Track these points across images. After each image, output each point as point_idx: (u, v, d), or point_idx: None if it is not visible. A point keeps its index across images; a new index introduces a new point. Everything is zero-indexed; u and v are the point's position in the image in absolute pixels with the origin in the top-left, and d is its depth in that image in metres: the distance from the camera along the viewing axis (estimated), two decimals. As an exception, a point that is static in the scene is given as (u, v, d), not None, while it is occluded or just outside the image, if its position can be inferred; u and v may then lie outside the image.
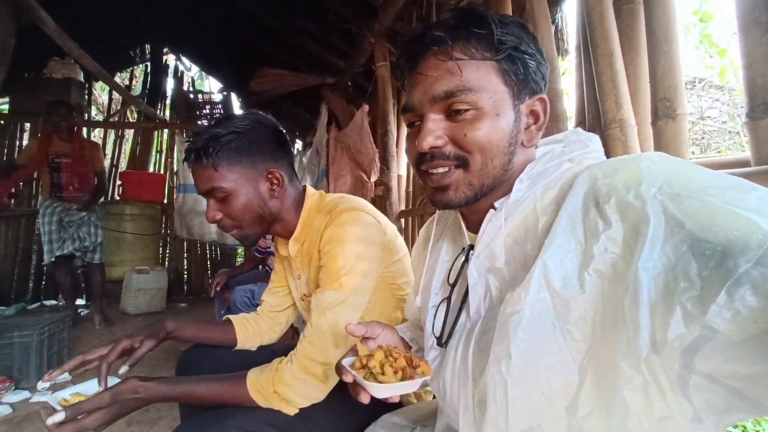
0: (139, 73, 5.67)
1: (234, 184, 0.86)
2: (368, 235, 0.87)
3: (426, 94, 0.52)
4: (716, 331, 0.30)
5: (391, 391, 0.52)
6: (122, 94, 4.34)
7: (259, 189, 0.89)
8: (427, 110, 0.53)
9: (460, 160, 0.52)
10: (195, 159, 0.86)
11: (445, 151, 0.52)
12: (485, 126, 0.50)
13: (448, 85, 0.51)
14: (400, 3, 2.10)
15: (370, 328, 0.62)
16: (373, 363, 0.53)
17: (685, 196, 0.36)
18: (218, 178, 0.85)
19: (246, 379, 0.81)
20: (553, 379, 0.44)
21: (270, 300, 1.13)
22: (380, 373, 0.52)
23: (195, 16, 4.22)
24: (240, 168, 0.86)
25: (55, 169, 2.98)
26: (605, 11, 1.01)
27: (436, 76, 0.52)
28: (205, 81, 6.47)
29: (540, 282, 0.45)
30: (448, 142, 0.52)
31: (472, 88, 0.50)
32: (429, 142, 0.52)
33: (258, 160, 0.89)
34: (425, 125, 0.52)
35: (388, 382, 0.51)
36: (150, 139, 4.94)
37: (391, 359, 0.53)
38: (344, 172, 3.04)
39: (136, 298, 3.63)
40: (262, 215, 0.90)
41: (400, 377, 0.52)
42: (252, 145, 0.88)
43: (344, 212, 0.88)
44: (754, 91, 0.75)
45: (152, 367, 2.37)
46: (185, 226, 4.24)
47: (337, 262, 0.83)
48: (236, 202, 0.86)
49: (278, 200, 0.92)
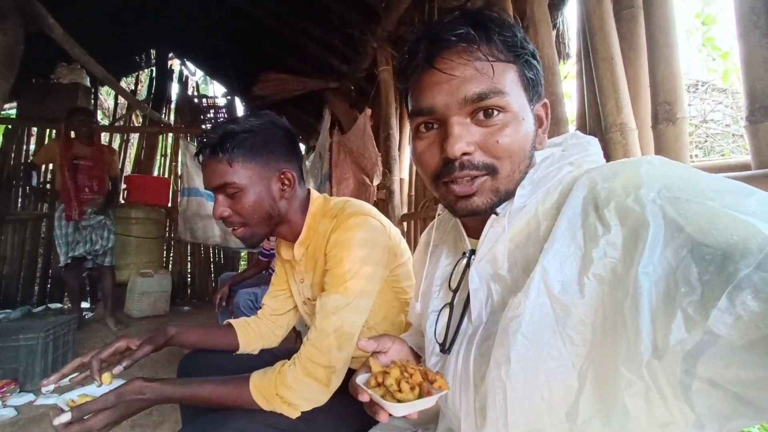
0: (144, 78, 5.73)
1: (247, 180, 0.86)
2: (374, 239, 0.88)
3: (453, 95, 0.48)
4: (718, 336, 0.30)
5: (411, 409, 0.50)
6: (128, 98, 4.38)
7: (271, 188, 0.89)
8: (453, 113, 0.49)
9: (488, 168, 0.49)
10: (210, 153, 0.86)
11: (473, 160, 0.49)
12: (515, 131, 0.49)
13: (481, 86, 0.48)
14: (402, 7, 2.12)
15: (381, 343, 0.61)
16: (389, 381, 0.52)
17: (684, 200, 0.36)
18: (232, 173, 0.85)
19: (249, 382, 0.81)
20: (553, 383, 0.44)
21: (271, 303, 1.14)
22: (397, 391, 0.51)
23: (200, 21, 4.26)
24: (254, 165, 0.87)
25: (73, 171, 3.06)
26: (605, 16, 1.02)
27: (465, 76, 0.48)
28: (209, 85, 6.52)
29: (539, 286, 0.45)
30: (477, 149, 0.49)
31: (503, 90, 0.48)
32: (462, 148, 0.48)
33: (271, 159, 0.89)
34: (453, 129, 0.48)
35: (405, 399, 0.50)
36: (155, 143, 4.98)
37: (406, 375, 0.52)
38: (347, 175, 3.05)
39: (141, 302, 3.64)
40: (270, 215, 0.90)
41: (417, 393, 0.51)
42: (266, 144, 0.88)
43: (351, 216, 0.88)
44: (754, 94, 0.75)
45: (155, 369, 2.38)
46: (189, 229, 4.27)
47: (343, 266, 0.83)
48: (247, 199, 0.86)
49: (287, 201, 0.93)
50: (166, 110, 5.21)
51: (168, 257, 4.83)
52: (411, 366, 0.54)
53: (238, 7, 3.52)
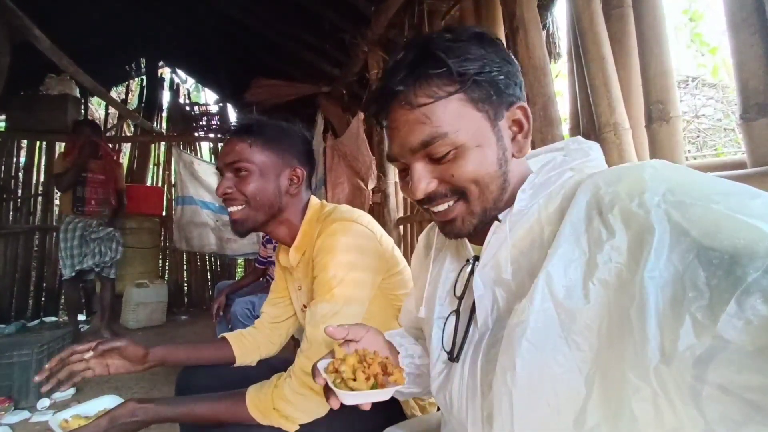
0: (135, 87, 5.68)
1: (260, 164, 0.90)
2: (360, 244, 0.88)
3: (403, 146, 0.52)
4: (728, 341, 0.30)
5: (360, 399, 0.51)
6: (118, 108, 4.35)
7: (279, 180, 0.93)
8: (409, 160, 0.53)
9: (457, 193, 0.52)
10: (236, 133, 0.92)
11: (440, 191, 0.52)
12: (469, 161, 0.50)
13: (422, 135, 0.50)
14: (392, 11, 2.12)
15: (353, 331, 0.61)
16: (344, 368, 0.52)
17: (689, 204, 0.36)
18: (248, 153, 0.89)
19: (245, 397, 0.80)
20: (559, 390, 0.43)
21: (270, 311, 1.13)
22: (351, 379, 0.51)
23: (189, 28, 4.24)
24: (270, 153, 0.92)
25: (80, 182, 3.08)
26: (595, 16, 1.02)
27: (408, 128, 0.51)
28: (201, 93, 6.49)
29: (544, 292, 0.44)
30: (439, 183, 0.52)
31: (447, 131, 0.49)
32: (422, 190, 0.52)
33: (287, 154, 0.94)
34: (413, 174, 0.53)
35: (358, 388, 0.50)
36: (147, 153, 4.94)
37: (364, 365, 0.53)
38: (341, 179, 3.04)
39: (137, 312, 3.61)
40: (272, 204, 0.93)
41: (372, 384, 0.51)
42: (285, 139, 0.95)
43: (335, 222, 0.89)
44: (747, 92, 0.75)
45: (152, 384, 2.34)
46: (184, 238, 4.23)
47: (328, 273, 0.83)
48: (253, 180, 0.89)
49: (291, 198, 0.96)
50: (158, 119, 5.17)
51: (163, 267, 4.79)
52: (371, 356, 0.54)
53: (228, 14, 3.50)
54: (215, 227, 4.22)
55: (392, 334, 0.76)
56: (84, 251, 3.03)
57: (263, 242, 2.50)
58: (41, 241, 4.30)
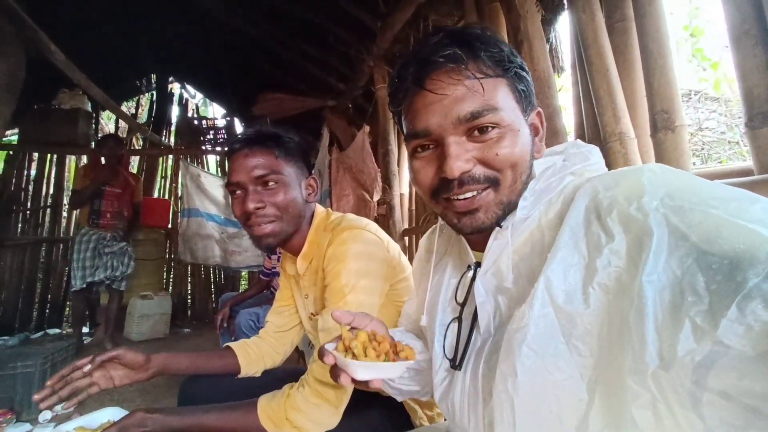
0: (145, 102, 5.80)
1: (290, 176, 0.91)
2: (370, 252, 0.88)
3: (447, 116, 0.49)
4: (728, 347, 0.30)
5: (373, 372, 0.50)
6: (129, 122, 4.43)
7: (303, 189, 0.95)
8: (448, 133, 0.49)
9: (490, 180, 0.49)
10: (260, 142, 0.89)
11: (475, 174, 0.49)
12: (512, 143, 0.49)
13: (473, 104, 0.48)
14: (397, 26, 2.17)
15: (358, 318, 0.61)
16: (355, 344, 0.52)
17: (687, 209, 0.36)
18: (278, 165, 0.89)
19: (256, 407, 0.79)
20: (561, 396, 0.43)
21: (275, 320, 1.12)
22: (363, 355, 0.51)
23: (199, 44, 4.35)
24: (294, 164, 0.93)
25: (97, 195, 3.11)
26: (598, 29, 1.04)
27: (456, 95, 0.48)
28: (209, 107, 6.60)
29: (543, 297, 0.44)
30: (476, 164, 0.49)
31: (496, 106, 0.48)
32: (461, 167, 0.48)
33: (304, 165, 0.97)
34: (450, 149, 0.48)
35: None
36: (155, 166, 5.00)
37: (374, 343, 0.53)
38: (347, 192, 3.06)
39: (140, 325, 3.59)
40: (300, 215, 0.94)
41: (383, 361, 0.51)
42: (301, 152, 0.96)
43: (345, 230, 0.89)
44: (751, 101, 0.76)
45: (154, 395, 2.32)
46: (189, 250, 4.24)
47: (341, 281, 0.83)
48: (285, 191, 0.89)
49: (309, 207, 0.97)
50: (167, 132, 5.26)
51: (168, 279, 4.79)
52: (380, 335, 0.54)
53: (236, 30, 3.60)
54: (220, 239, 4.23)
55: (393, 332, 0.75)
56: (96, 264, 3.04)
57: (267, 254, 2.51)
58: (48, 253, 4.32)
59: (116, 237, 3.17)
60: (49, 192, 4.37)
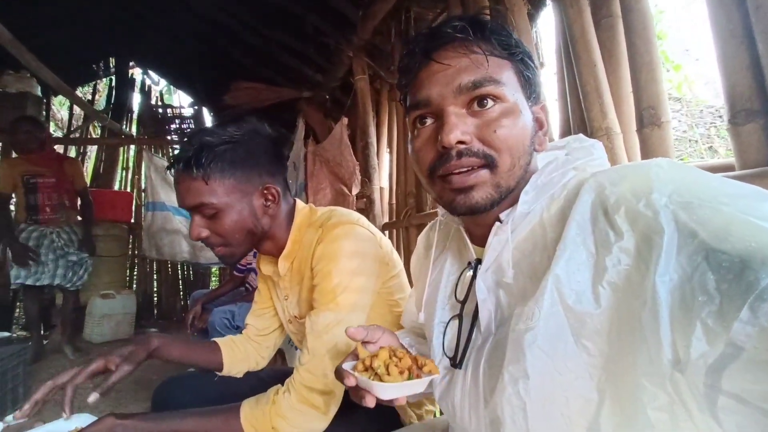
0: (102, 88, 5.43)
1: (226, 199, 0.78)
2: (363, 250, 0.84)
3: (449, 85, 0.49)
4: (741, 348, 0.29)
5: (399, 391, 0.49)
6: (85, 108, 4.13)
7: (253, 205, 0.82)
8: (448, 103, 0.49)
9: (487, 159, 0.48)
10: (184, 169, 0.77)
11: (472, 148, 0.48)
12: (512, 122, 0.49)
13: (476, 74, 0.48)
14: (379, 17, 2.13)
15: (371, 332, 0.59)
16: (377, 363, 0.50)
17: (696, 205, 0.35)
18: (208, 192, 0.77)
19: (239, 413, 0.74)
20: (571, 398, 0.42)
21: (255, 323, 1.06)
22: (385, 374, 0.49)
23: (163, 28, 4.10)
24: (233, 181, 0.79)
25: (30, 190, 2.75)
26: (585, 24, 1.05)
27: (460, 66, 0.49)
28: (174, 95, 6.27)
29: (553, 296, 0.43)
30: (474, 138, 0.48)
31: (499, 80, 0.49)
32: (457, 136, 0.47)
33: (254, 173, 0.82)
34: (449, 118, 0.48)
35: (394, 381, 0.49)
36: (115, 156, 4.71)
37: (395, 359, 0.51)
38: (324, 185, 2.99)
39: (101, 326, 3.38)
40: (253, 233, 0.83)
41: (407, 377, 0.50)
42: (248, 157, 0.81)
43: (337, 226, 0.83)
44: (734, 98, 0.78)
45: (118, 401, 2.17)
46: (155, 245, 4.04)
47: (332, 280, 0.78)
48: (227, 219, 0.79)
49: (271, 218, 0.86)
50: (128, 121, 4.95)
51: (131, 276, 4.54)
52: (400, 351, 0.53)
53: (205, 15, 3.41)
54: (188, 234, 4.06)
55: (401, 335, 0.74)
56: (42, 269, 2.71)
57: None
58: (-8, 250, 3.97)
59: (71, 238, 2.83)
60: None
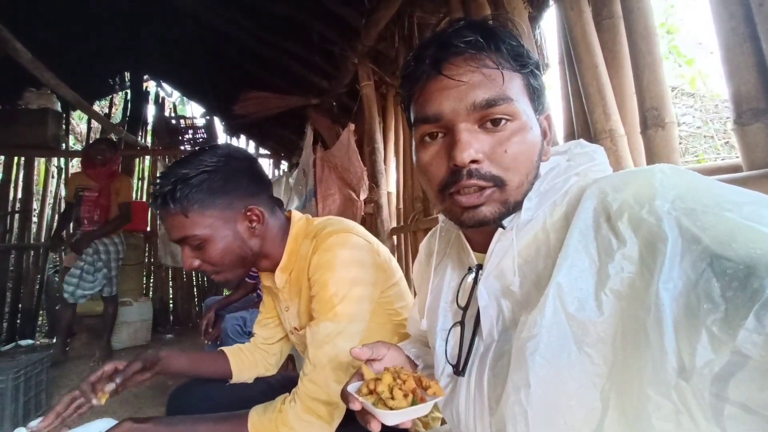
0: (118, 101, 5.58)
1: (209, 229, 0.78)
2: (359, 258, 0.84)
3: (462, 101, 0.47)
4: (747, 357, 0.29)
5: (403, 417, 0.49)
6: (102, 122, 4.26)
7: (238, 230, 0.82)
8: (461, 120, 0.48)
9: (496, 181, 0.48)
10: (162, 205, 0.77)
11: (482, 170, 0.47)
12: (523, 140, 0.48)
13: (490, 92, 0.47)
14: (382, 23, 2.14)
15: (375, 350, 0.59)
16: (381, 388, 0.50)
17: (700, 212, 0.35)
18: (190, 225, 0.76)
19: (247, 421, 0.76)
20: (574, 407, 0.42)
21: (261, 332, 1.08)
22: (390, 398, 0.50)
23: (175, 41, 4.21)
24: (214, 211, 0.78)
25: (78, 201, 2.96)
26: (586, 26, 1.04)
27: (473, 82, 0.47)
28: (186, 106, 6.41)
29: (555, 304, 0.43)
30: (485, 158, 0.47)
31: (512, 98, 0.48)
32: (471, 155, 0.46)
33: (234, 198, 0.81)
34: (461, 136, 0.47)
35: (398, 406, 0.49)
36: (131, 167, 4.83)
37: (399, 382, 0.51)
38: (332, 191, 3.01)
39: (120, 333, 3.47)
40: (243, 257, 0.83)
41: (411, 400, 0.50)
42: (227, 183, 0.80)
43: (331, 235, 0.83)
44: (739, 98, 0.76)
45: (137, 406, 2.23)
46: (170, 253, 4.13)
47: (329, 290, 0.79)
48: (213, 248, 0.79)
49: (259, 238, 0.85)
50: (143, 132, 5.08)
51: (148, 284, 4.64)
52: (404, 372, 0.52)
53: (214, 27, 3.49)
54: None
55: (406, 347, 0.73)
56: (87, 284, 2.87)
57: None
58: (17, 261, 4.12)
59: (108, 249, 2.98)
60: (17, 196, 4.17)
